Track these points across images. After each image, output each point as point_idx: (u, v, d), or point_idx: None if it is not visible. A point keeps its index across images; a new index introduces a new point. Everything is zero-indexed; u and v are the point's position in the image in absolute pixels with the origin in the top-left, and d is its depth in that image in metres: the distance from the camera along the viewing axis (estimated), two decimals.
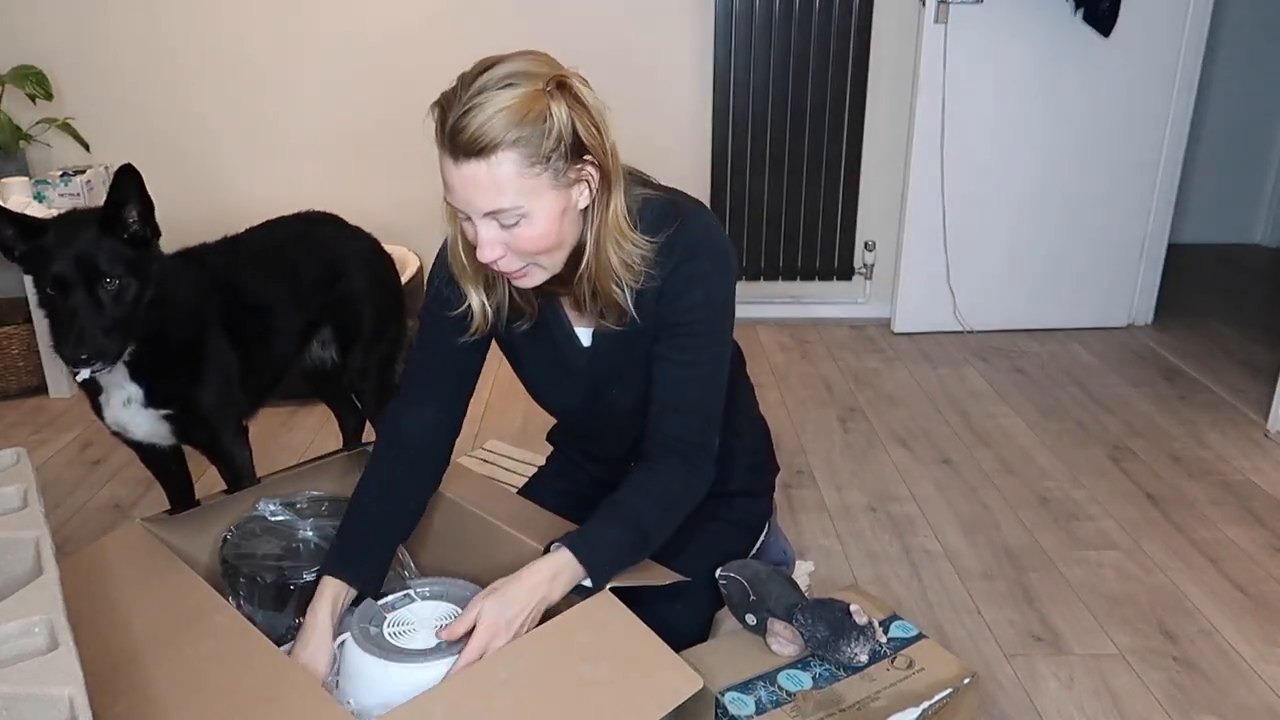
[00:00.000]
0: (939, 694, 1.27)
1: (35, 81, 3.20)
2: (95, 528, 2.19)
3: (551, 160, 1.14)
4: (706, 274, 1.29)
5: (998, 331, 3.48)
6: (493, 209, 1.15)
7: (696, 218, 1.30)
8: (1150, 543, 2.13)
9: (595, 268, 1.25)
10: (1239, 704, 1.63)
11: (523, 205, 1.15)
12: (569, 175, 1.17)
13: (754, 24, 3.25)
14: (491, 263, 1.20)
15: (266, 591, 1.35)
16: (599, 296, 1.28)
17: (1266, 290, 4.00)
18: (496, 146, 1.11)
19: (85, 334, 1.47)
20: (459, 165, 1.13)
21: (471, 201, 1.15)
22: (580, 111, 1.16)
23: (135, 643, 1.16)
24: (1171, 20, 3.19)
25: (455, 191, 1.16)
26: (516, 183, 1.13)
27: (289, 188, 3.43)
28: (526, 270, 1.23)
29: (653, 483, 1.31)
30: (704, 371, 1.33)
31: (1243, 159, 4.50)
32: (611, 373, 1.38)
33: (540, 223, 1.17)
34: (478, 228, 1.18)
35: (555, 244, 1.21)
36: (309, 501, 1.51)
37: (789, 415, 2.80)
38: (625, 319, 1.30)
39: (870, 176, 3.47)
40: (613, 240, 1.24)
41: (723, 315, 1.34)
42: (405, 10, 3.28)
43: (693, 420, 1.33)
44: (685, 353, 1.31)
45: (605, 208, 1.22)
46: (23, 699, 0.89)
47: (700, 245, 1.29)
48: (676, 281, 1.28)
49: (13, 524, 1.17)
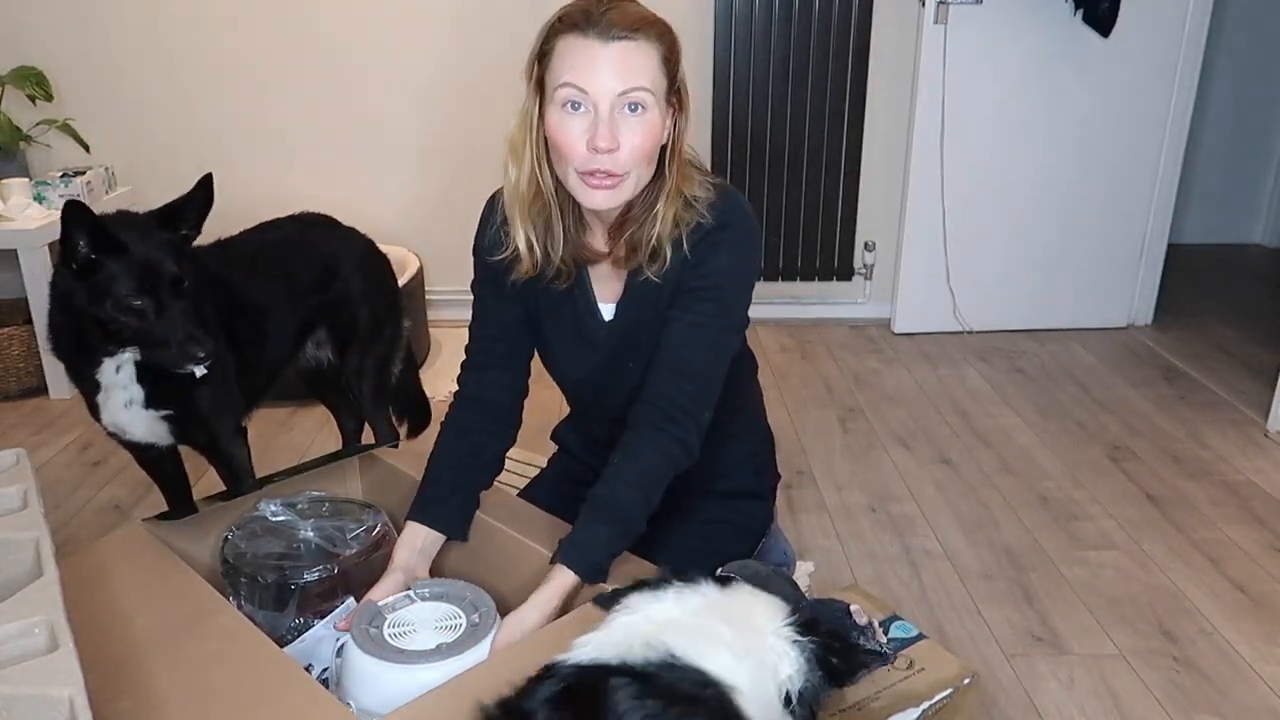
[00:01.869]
0: (939, 694, 1.27)
1: (35, 82, 3.20)
2: (95, 529, 2.19)
3: (673, 74, 1.25)
4: (733, 243, 1.33)
5: (998, 332, 3.48)
6: (629, 87, 1.20)
7: (734, 197, 1.36)
8: (1150, 543, 2.13)
9: (670, 200, 1.29)
10: (1239, 704, 1.63)
11: (654, 94, 1.22)
12: (670, 101, 1.27)
13: (754, 24, 3.25)
14: (605, 152, 1.22)
15: (267, 591, 1.35)
16: (658, 240, 1.31)
17: (1266, 290, 4.00)
18: (648, 35, 1.21)
19: (200, 332, 1.55)
20: (606, 44, 1.19)
21: (617, 78, 1.20)
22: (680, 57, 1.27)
23: (136, 642, 1.16)
24: (1171, 20, 3.19)
25: (595, 72, 1.20)
26: (655, 71, 1.22)
27: (289, 188, 3.43)
28: (622, 179, 1.25)
29: (630, 464, 1.33)
30: (708, 337, 1.35)
31: (1243, 159, 4.50)
32: (629, 345, 1.41)
33: (653, 121, 1.24)
34: (601, 113, 1.21)
35: (652, 154, 1.27)
36: (310, 502, 1.51)
37: (789, 415, 2.80)
38: (669, 267, 1.33)
39: (870, 176, 3.47)
40: (684, 176, 1.31)
41: (738, 288, 1.36)
42: (407, 17, 3.28)
43: (687, 385, 1.34)
44: (695, 314, 1.34)
45: (678, 145, 1.30)
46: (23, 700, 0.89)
47: (732, 218, 1.34)
48: (704, 248, 1.32)
49: (13, 525, 1.18)
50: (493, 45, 3.24)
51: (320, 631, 1.33)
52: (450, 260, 3.48)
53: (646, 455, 1.33)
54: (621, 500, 1.31)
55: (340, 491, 1.64)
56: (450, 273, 3.47)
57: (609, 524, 1.30)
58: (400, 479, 1.59)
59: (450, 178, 3.40)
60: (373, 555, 1.44)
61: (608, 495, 1.31)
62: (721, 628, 1.00)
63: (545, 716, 0.89)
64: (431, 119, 3.37)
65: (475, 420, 1.46)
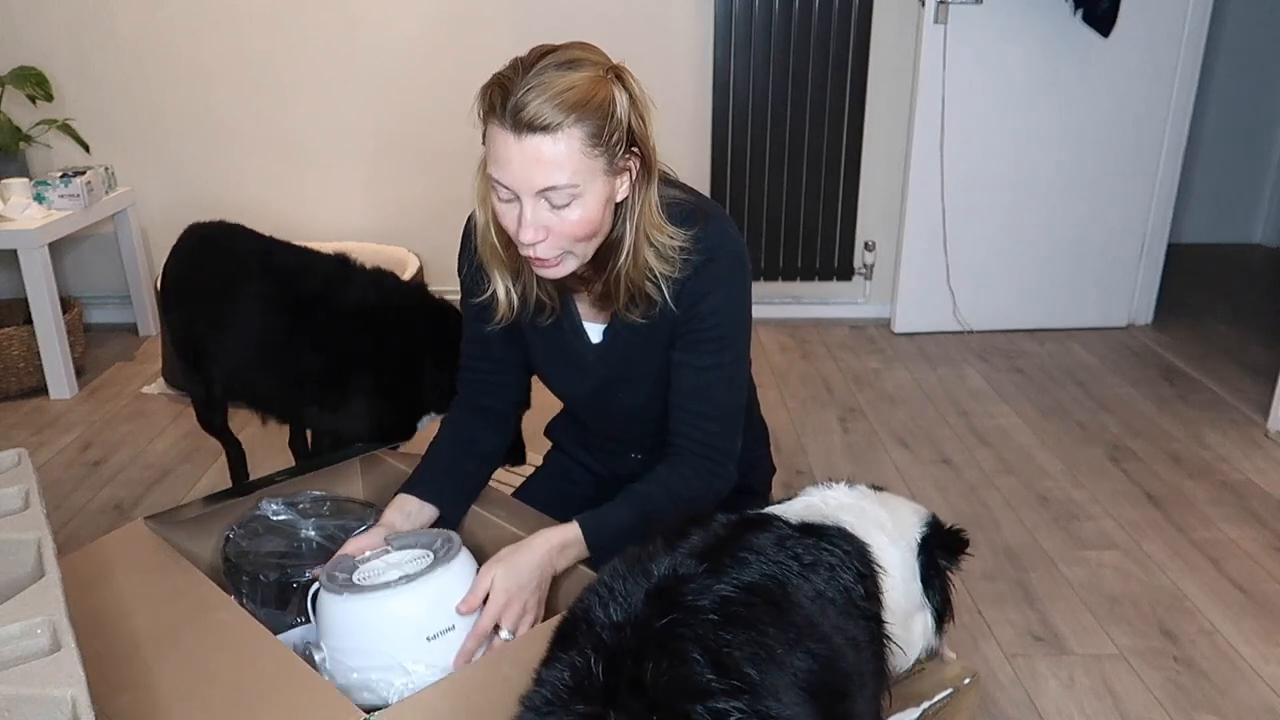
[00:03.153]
0: (939, 694, 1.27)
1: (35, 82, 3.20)
2: (96, 528, 2.19)
3: (610, 144, 1.16)
4: (724, 278, 1.31)
5: (998, 331, 3.48)
6: (549, 185, 1.15)
7: (717, 224, 1.31)
8: (1150, 543, 2.13)
9: (633, 259, 1.26)
10: (1239, 704, 1.63)
11: (578, 185, 1.15)
12: (618, 163, 1.19)
13: (754, 24, 3.25)
14: (530, 245, 1.20)
15: (269, 590, 1.35)
16: (632, 289, 1.29)
17: (1266, 290, 4.00)
18: (562, 123, 1.12)
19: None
20: (521, 139, 1.12)
21: (529, 177, 1.14)
22: (633, 103, 1.19)
23: (138, 638, 1.17)
24: (1171, 20, 3.19)
25: (512, 166, 1.15)
26: (576, 161, 1.14)
27: (288, 187, 3.43)
28: (560, 259, 1.23)
29: (675, 480, 1.34)
30: (724, 375, 1.35)
31: (1243, 159, 4.51)
32: (621, 369, 1.40)
33: (589, 205, 1.18)
34: (524, 208, 1.17)
35: (595, 230, 1.21)
36: (311, 501, 1.51)
37: (789, 415, 2.80)
38: (655, 310, 1.31)
39: (870, 176, 3.47)
40: (648, 232, 1.25)
41: (738, 320, 1.36)
42: (404, 15, 3.28)
43: (715, 425, 1.35)
44: (706, 357, 1.34)
45: (644, 199, 1.24)
46: (25, 700, 0.89)
47: (718, 250, 1.30)
48: (696, 284, 1.30)
49: (14, 525, 1.17)
50: (492, 45, 3.23)
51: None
52: (450, 260, 3.45)
53: (691, 479, 1.35)
54: (656, 502, 1.32)
55: (342, 491, 1.64)
56: (450, 273, 3.44)
57: (634, 512, 1.31)
58: (401, 479, 1.59)
59: (450, 178, 3.40)
60: None
61: (645, 491, 1.33)
62: (883, 515, 1.16)
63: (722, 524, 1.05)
64: (432, 119, 3.37)
65: (471, 419, 1.50)
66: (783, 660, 0.87)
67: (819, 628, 0.93)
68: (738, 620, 0.88)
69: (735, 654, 0.84)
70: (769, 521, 1.05)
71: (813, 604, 0.96)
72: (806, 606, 0.95)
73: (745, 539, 1.00)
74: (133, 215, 3.34)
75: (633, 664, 0.83)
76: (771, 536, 1.01)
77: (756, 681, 0.83)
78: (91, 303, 3.48)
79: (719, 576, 0.92)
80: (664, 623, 0.86)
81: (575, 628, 0.91)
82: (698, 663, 0.82)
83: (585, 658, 0.84)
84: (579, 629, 0.90)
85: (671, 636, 0.85)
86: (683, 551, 0.97)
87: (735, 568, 0.94)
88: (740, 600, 0.90)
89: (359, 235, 3.41)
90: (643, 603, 0.89)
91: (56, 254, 3.14)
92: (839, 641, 0.95)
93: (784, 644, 0.88)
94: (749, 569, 0.95)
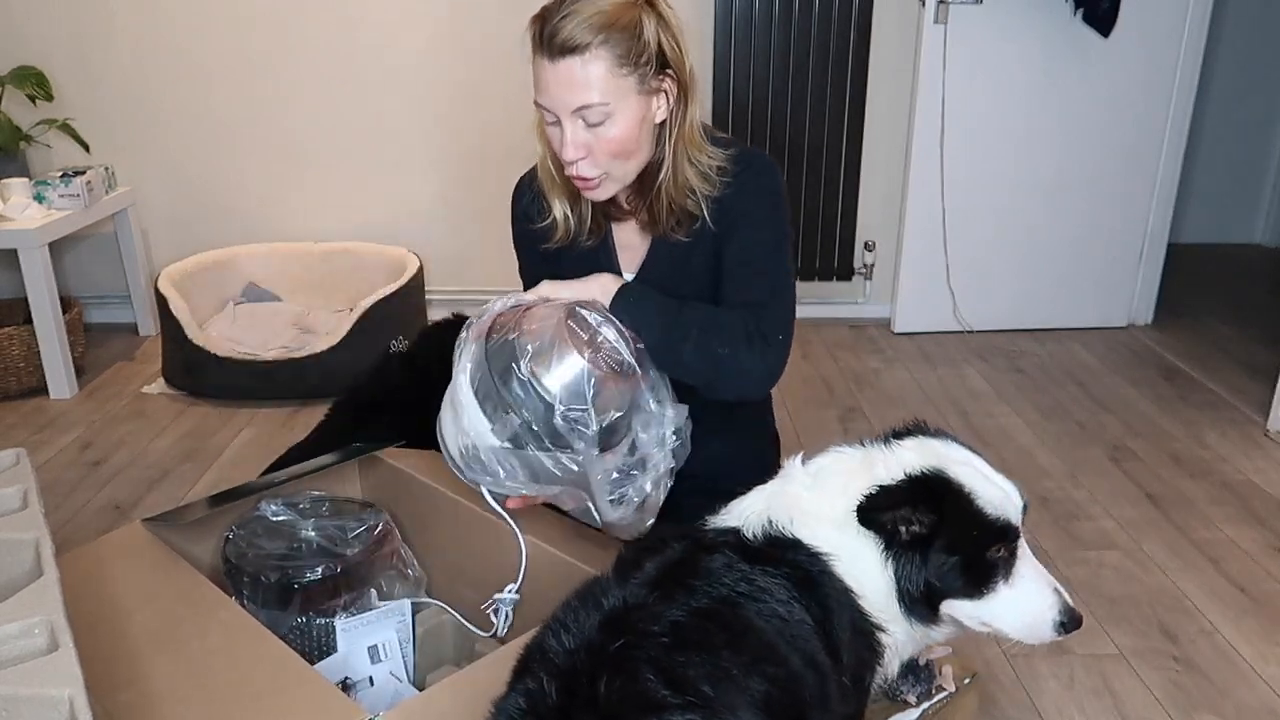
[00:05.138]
0: (939, 694, 1.27)
1: (35, 82, 3.19)
2: (95, 529, 2.19)
3: (638, 66, 1.25)
4: (758, 176, 1.38)
5: (998, 331, 3.48)
6: (582, 104, 1.24)
7: (753, 150, 1.42)
8: (1150, 543, 2.13)
9: (673, 177, 1.33)
10: (1239, 704, 1.63)
11: (609, 104, 1.24)
12: (651, 84, 1.28)
13: (754, 24, 3.25)
14: (572, 163, 1.29)
15: (270, 590, 1.35)
16: (674, 206, 1.36)
17: (1266, 290, 4.00)
18: (589, 45, 1.22)
19: None
20: (554, 63, 1.23)
21: (563, 97, 1.24)
22: (665, 27, 1.27)
23: (137, 637, 1.17)
24: (1171, 20, 3.19)
25: (549, 89, 1.25)
26: (605, 81, 1.23)
27: (289, 187, 3.43)
28: (600, 179, 1.32)
29: (719, 311, 1.36)
30: (769, 250, 1.39)
31: (1243, 159, 4.50)
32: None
33: (622, 124, 1.26)
34: (564, 127, 1.26)
35: (633, 150, 1.30)
36: (311, 501, 1.52)
37: (789, 415, 2.79)
38: (697, 226, 1.38)
39: (870, 176, 3.47)
40: (689, 151, 1.33)
41: (776, 205, 1.41)
42: (405, 16, 3.28)
43: (757, 289, 1.37)
44: (739, 240, 1.38)
45: (682, 121, 1.32)
46: (23, 700, 0.89)
47: (750, 163, 1.38)
48: (732, 185, 1.36)
49: (12, 525, 1.18)
50: (492, 47, 3.24)
51: (349, 645, 1.35)
52: (450, 260, 3.48)
53: (733, 316, 1.35)
54: (696, 310, 1.33)
55: (341, 491, 1.64)
56: (450, 273, 3.47)
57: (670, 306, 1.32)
58: (401, 479, 1.59)
59: (450, 179, 3.41)
60: (374, 554, 1.44)
61: (688, 301, 1.35)
62: (835, 501, 1.06)
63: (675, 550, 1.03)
64: (431, 120, 3.37)
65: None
66: (739, 681, 0.87)
67: (776, 650, 0.92)
68: (691, 643, 0.88)
69: (690, 672, 0.85)
70: (721, 545, 1.02)
71: (768, 625, 0.94)
72: (762, 629, 0.93)
73: (696, 565, 0.98)
74: (133, 215, 3.34)
75: (587, 684, 0.84)
76: (722, 560, 0.99)
77: (712, 697, 0.84)
78: (91, 303, 3.48)
79: (670, 603, 0.93)
80: (617, 646, 0.87)
81: (530, 659, 0.93)
82: (651, 681, 0.83)
83: (539, 681, 0.86)
84: (533, 660, 0.92)
85: (625, 659, 0.86)
86: (635, 582, 0.97)
87: (686, 594, 0.94)
88: (693, 625, 0.91)
89: (359, 235, 3.41)
90: (595, 630, 0.90)
91: (56, 254, 3.13)
92: (798, 663, 0.93)
93: (739, 666, 0.88)
94: (700, 595, 0.94)
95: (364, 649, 1.38)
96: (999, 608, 1.02)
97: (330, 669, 1.35)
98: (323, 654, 1.37)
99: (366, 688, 1.37)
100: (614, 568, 1.02)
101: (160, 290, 2.94)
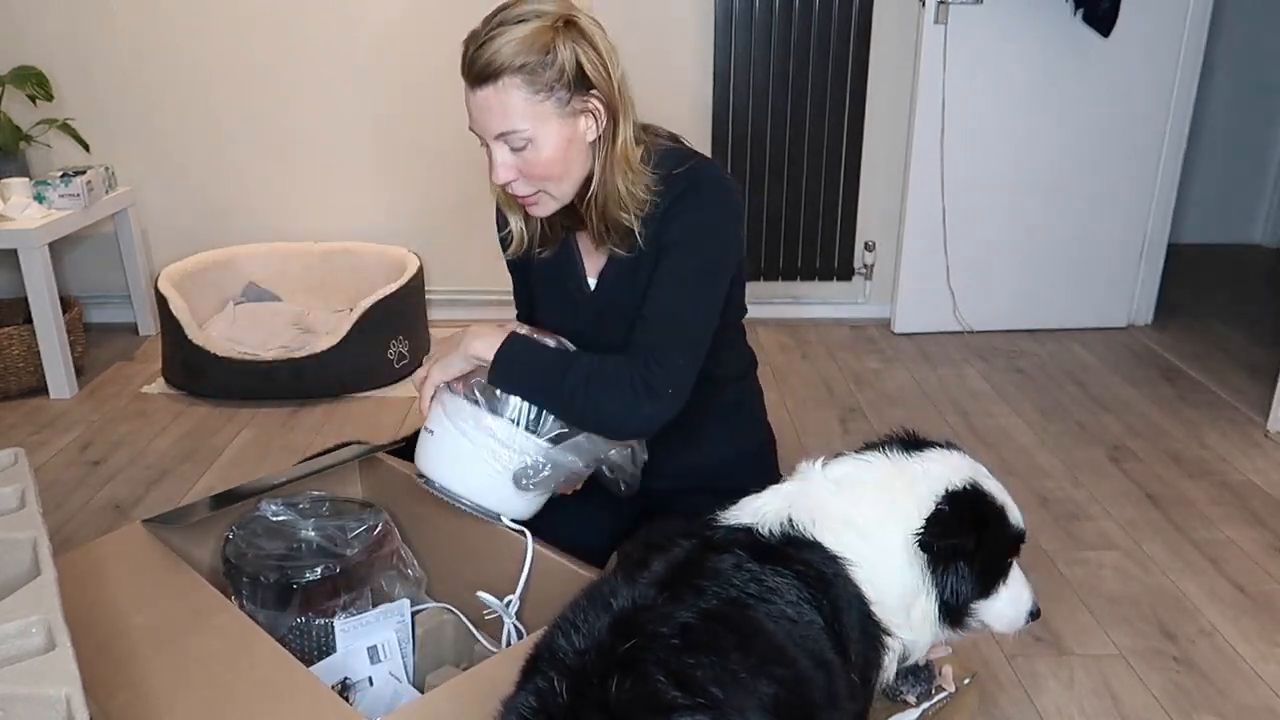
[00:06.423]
0: (939, 694, 1.27)
1: (35, 82, 3.19)
2: (95, 528, 2.18)
3: (555, 90, 1.26)
4: (700, 199, 1.35)
5: (998, 331, 3.47)
6: (501, 131, 1.27)
7: (707, 166, 1.39)
8: (1150, 543, 2.13)
9: (603, 194, 1.34)
10: (1239, 704, 1.63)
11: (528, 129, 1.27)
12: (574, 106, 1.28)
13: (754, 24, 3.25)
14: (505, 185, 1.32)
15: (269, 591, 1.35)
16: (608, 222, 1.36)
17: (1266, 290, 4.00)
18: (502, 72, 1.24)
19: None
20: (475, 91, 1.28)
21: (484, 124, 1.29)
22: (586, 48, 1.27)
23: (136, 639, 1.17)
24: (1171, 20, 3.18)
25: (472, 115, 1.30)
26: (523, 107, 1.26)
27: (289, 188, 3.43)
28: (537, 197, 1.34)
29: (602, 359, 1.34)
30: (684, 288, 1.35)
31: (1243, 159, 4.50)
32: (609, 307, 1.44)
33: (547, 148, 1.28)
34: (492, 152, 1.30)
35: (562, 172, 1.31)
36: (311, 502, 1.51)
37: (789, 415, 2.79)
38: (632, 244, 1.37)
39: (870, 176, 3.46)
40: (620, 170, 1.33)
41: (706, 235, 1.36)
42: (405, 16, 3.28)
43: (658, 330, 1.34)
44: (665, 266, 1.36)
45: (612, 140, 1.32)
46: (20, 699, 0.89)
47: (702, 180, 1.36)
48: (670, 208, 1.35)
49: (10, 524, 1.18)
50: None
51: (348, 646, 1.35)
52: (450, 260, 3.48)
53: (614, 363, 1.33)
54: (574, 360, 1.33)
55: (341, 491, 1.64)
56: (450, 273, 3.47)
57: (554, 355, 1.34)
58: (400, 479, 1.59)
59: (449, 179, 3.40)
60: (374, 554, 1.44)
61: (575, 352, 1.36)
62: (860, 507, 1.10)
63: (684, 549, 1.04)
64: (432, 120, 3.37)
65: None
66: (747, 683, 0.88)
67: (785, 652, 0.93)
68: (700, 645, 0.89)
69: (699, 674, 0.86)
70: (731, 544, 1.02)
71: (777, 626, 0.95)
72: (771, 630, 0.94)
73: (706, 565, 0.99)
74: (133, 215, 3.34)
75: (597, 684, 0.85)
76: (731, 560, 0.99)
77: (721, 699, 0.84)
78: (91, 303, 3.48)
79: (679, 604, 0.93)
80: (626, 648, 0.88)
81: (539, 659, 0.93)
82: (661, 682, 0.84)
83: (549, 681, 0.87)
84: (542, 660, 0.92)
85: (634, 660, 0.87)
86: (643, 582, 0.97)
87: (695, 595, 0.94)
88: (702, 627, 0.91)
89: (359, 235, 3.41)
90: (605, 631, 0.91)
91: (56, 254, 3.13)
92: (807, 665, 0.94)
93: (749, 668, 0.89)
94: (709, 596, 0.95)
95: (363, 649, 1.38)
96: (999, 606, 1.11)
97: (329, 669, 1.35)
98: (322, 654, 1.37)
99: (366, 688, 1.37)
100: (621, 566, 1.02)
101: (160, 290, 2.94)
